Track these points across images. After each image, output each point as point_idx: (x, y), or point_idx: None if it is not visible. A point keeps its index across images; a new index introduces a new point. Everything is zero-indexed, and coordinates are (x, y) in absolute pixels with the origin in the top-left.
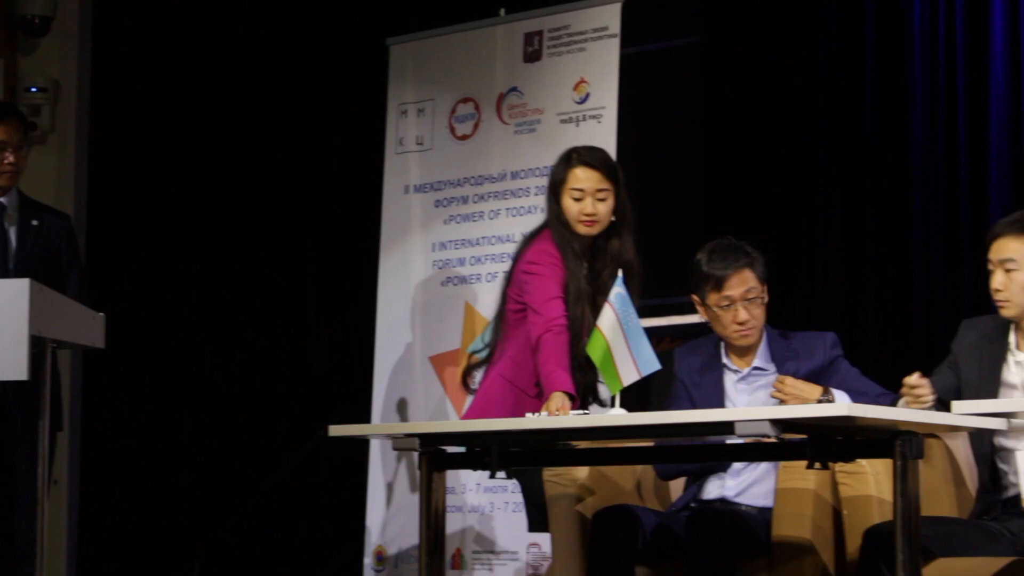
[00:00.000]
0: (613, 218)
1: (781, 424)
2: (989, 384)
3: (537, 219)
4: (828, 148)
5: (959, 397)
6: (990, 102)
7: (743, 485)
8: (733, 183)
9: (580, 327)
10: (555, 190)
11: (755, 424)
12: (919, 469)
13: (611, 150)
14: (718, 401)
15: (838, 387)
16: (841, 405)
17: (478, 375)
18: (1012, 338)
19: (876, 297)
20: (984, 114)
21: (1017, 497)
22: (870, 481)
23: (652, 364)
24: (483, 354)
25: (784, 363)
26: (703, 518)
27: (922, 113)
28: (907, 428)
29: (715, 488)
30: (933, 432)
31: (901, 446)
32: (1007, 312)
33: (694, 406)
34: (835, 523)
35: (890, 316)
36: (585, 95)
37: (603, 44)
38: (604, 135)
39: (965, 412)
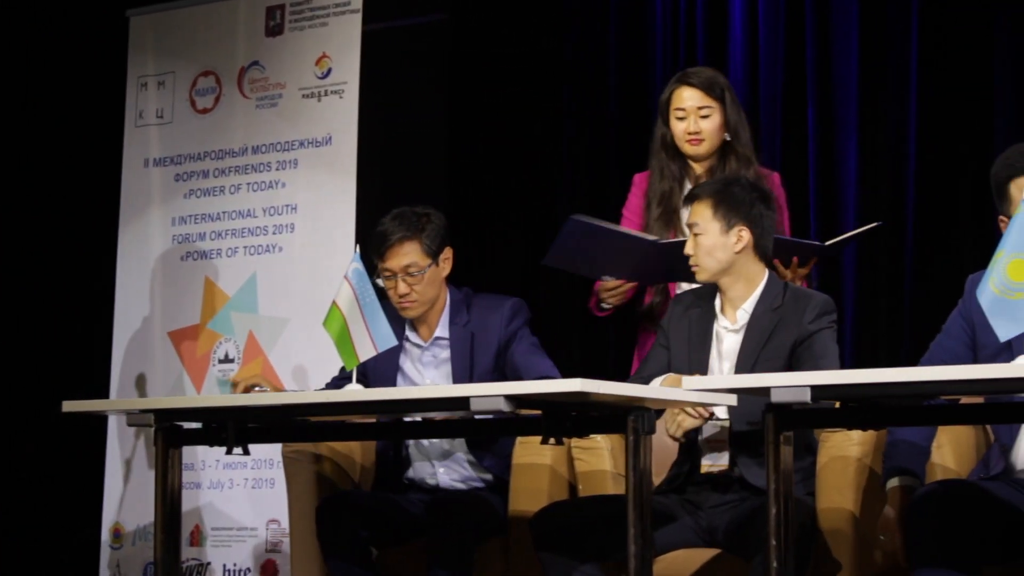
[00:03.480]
0: (727, 137)
1: (515, 400)
2: (699, 355)
3: (279, 194)
4: (572, 124)
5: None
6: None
7: (456, 470)
8: (478, 158)
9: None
10: (663, 114)
11: (489, 400)
12: (650, 444)
13: (352, 126)
14: (393, 375)
15: (509, 359)
16: (574, 381)
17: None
18: (717, 302)
19: None
20: None
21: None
22: (605, 456)
23: (389, 340)
24: None
25: (461, 346)
26: (441, 501)
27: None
28: (640, 404)
29: (428, 476)
30: (665, 408)
31: (634, 421)
32: (700, 276)
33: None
34: (571, 495)
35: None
36: (327, 70)
37: (345, 19)
38: (346, 110)
39: (695, 388)
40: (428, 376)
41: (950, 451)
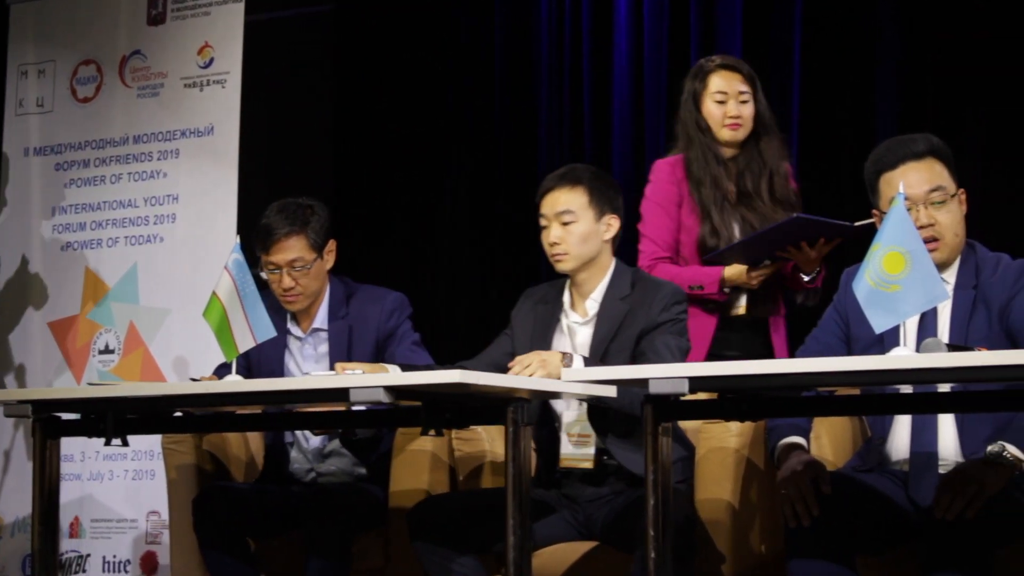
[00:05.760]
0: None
1: (395, 391)
2: (540, 347)
3: (160, 184)
4: (459, 116)
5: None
6: (613, 78)
7: (336, 464)
8: (365, 149)
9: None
10: (695, 99)
11: (370, 391)
12: (530, 434)
13: (235, 116)
14: (278, 368)
15: (388, 358)
16: (454, 372)
17: None
18: (566, 297)
19: (503, 257)
20: (607, 88)
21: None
22: (484, 445)
23: (268, 331)
24: None
25: (339, 339)
26: (319, 492)
27: (548, 90)
28: (520, 395)
29: (306, 474)
30: (546, 399)
31: (513, 413)
32: (565, 266)
33: (250, 375)
34: (452, 485)
35: (518, 277)
36: (209, 60)
37: (228, 9)
38: (228, 100)
39: (575, 379)
40: (307, 369)
41: (827, 443)
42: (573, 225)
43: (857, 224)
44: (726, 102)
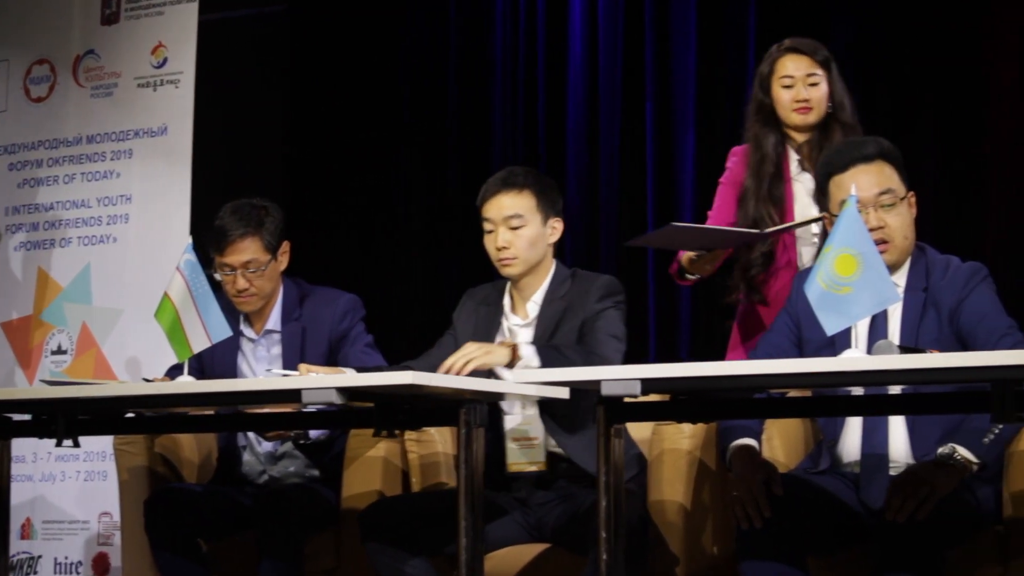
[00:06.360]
0: (830, 108)
1: (348, 392)
2: None
3: (113, 184)
4: (410, 115)
5: None
6: (568, 80)
7: (284, 469)
8: (316, 149)
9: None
10: (764, 85)
11: (322, 392)
12: (483, 436)
13: (188, 116)
14: (231, 369)
15: (341, 360)
16: (406, 373)
17: None
18: (507, 301)
19: (456, 259)
20: (562, 90)
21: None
22: (437, 447)
23: (223, 330)
24: None
25: (292, 340)
26: (271, 493)
27: (502, 91)
28: (472, 397)
29: (259, 476)
30: (496, 400)
31: (466, 414)
32: (513, 270)
33: (202, 376)
34: (404, 487)
35: (471, 279)
36: (163, 59)
37: (182, 8)
38: (181, 100)
39: (527, 380)
40: (260, 371)
41: (779, 444)
42: (522, 229)
43: (768, 230)
44: (793, 86)
